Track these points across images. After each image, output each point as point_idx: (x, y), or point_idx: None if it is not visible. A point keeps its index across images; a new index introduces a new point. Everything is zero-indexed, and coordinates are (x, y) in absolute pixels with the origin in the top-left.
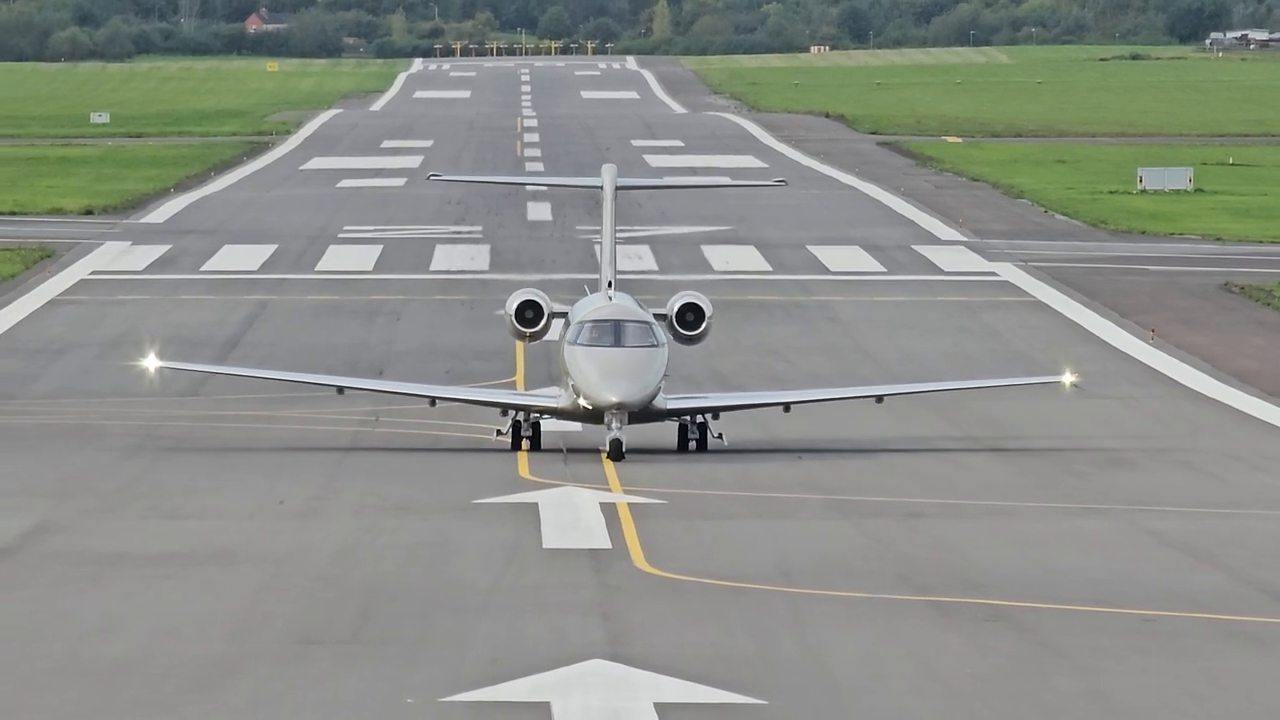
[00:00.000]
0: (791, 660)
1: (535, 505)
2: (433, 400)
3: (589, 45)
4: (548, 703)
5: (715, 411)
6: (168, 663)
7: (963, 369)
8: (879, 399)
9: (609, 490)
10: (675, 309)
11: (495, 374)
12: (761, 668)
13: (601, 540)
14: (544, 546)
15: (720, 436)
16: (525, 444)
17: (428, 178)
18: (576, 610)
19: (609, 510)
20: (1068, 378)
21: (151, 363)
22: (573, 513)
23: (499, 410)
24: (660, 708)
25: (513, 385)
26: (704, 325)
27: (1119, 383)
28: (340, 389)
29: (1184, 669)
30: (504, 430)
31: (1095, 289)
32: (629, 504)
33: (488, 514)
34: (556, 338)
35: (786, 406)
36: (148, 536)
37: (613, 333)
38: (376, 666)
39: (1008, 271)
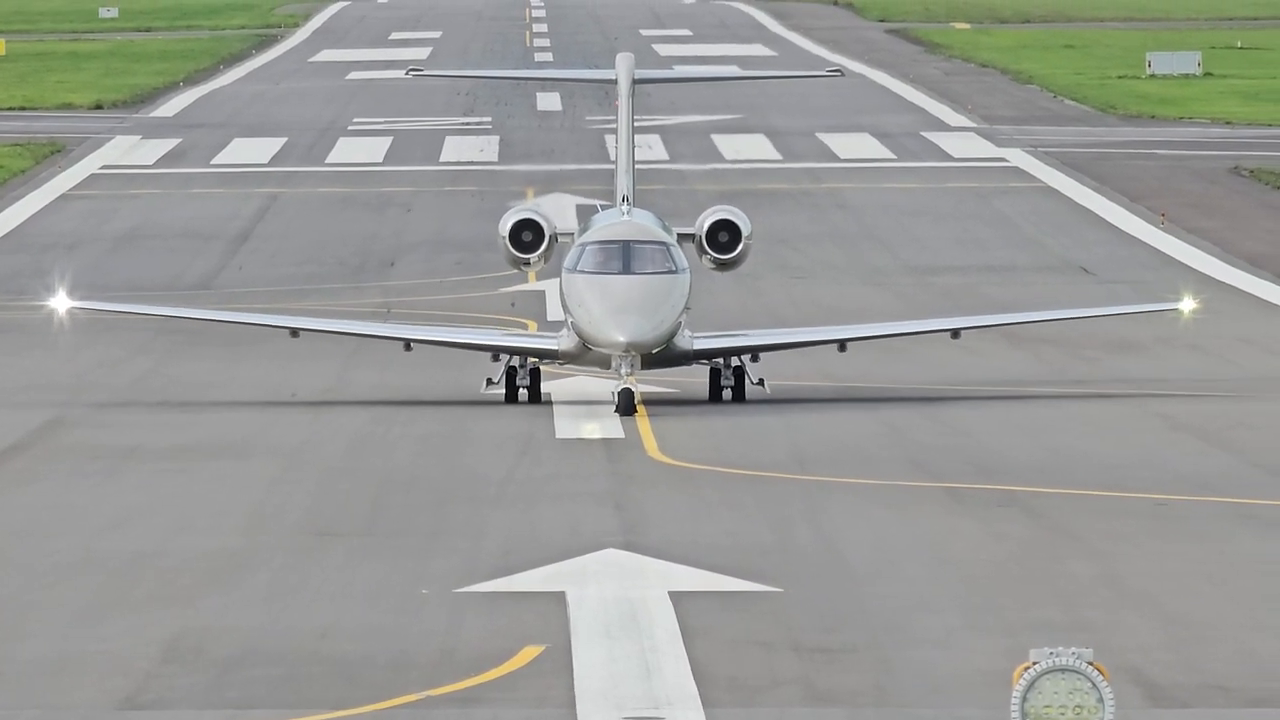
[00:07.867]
0: (806, 548)
1: (548, 395)
2: (407, 344)
3: None
4: (562, 592)
5: (754, 353)
6: (182, 556)
7: (974, 256)
8: (955, 334)
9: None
10: (705, 228)
11: (505, 266)
12: (776, 556)
13: (614, 430)
14: (557, 437)
15: (761, 383)
16: (522, 394)
17: (406, 73)
18: (590, 500)
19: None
20: (1187, 304)
21: (61, 303)
22: (585, 403)
23: (490, 355)
24: (675, 596)
25: (525, 277)
26: (740, 247)
27: (1130, 267)
28: (294, 331)
29: (1197, 552)
30: (495, 379)
31: (1104, 174)
32: (642, 393)
33: (500, 405)
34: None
35: (842, 345)
36: (161, 430)
37: (621, 256)
38: (391, 558)
39: (1017, 157)
